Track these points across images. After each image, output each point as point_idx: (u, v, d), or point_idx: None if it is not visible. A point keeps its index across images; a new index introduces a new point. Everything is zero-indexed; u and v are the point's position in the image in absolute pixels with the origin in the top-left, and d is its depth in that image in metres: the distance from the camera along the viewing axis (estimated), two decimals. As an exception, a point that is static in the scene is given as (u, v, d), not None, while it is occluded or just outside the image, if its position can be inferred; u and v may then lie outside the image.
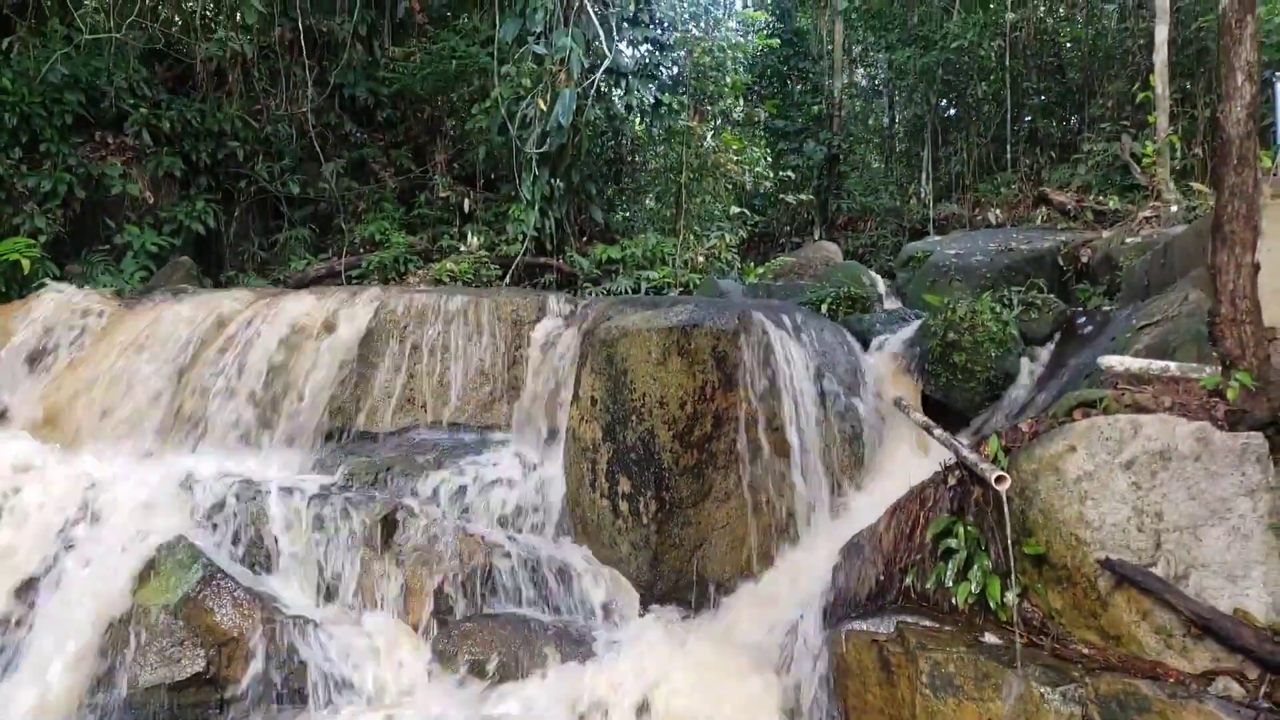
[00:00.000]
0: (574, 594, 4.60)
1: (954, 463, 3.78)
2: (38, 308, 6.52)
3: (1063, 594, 3.22)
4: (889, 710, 3.33)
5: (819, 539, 4.78)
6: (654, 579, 4.69)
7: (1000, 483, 3.27)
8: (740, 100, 11.38)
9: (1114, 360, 3.93)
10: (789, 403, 4.85)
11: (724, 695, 3.84)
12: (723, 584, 4.73)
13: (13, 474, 4.89)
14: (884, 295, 8.28)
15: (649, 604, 4.63)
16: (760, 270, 9.66)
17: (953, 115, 15.44)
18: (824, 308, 7.22)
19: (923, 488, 3.90)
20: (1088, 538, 3.15)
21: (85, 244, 8.55)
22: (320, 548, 4.56)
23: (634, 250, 9.39)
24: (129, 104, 8.91)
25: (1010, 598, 3.28)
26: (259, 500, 4.73)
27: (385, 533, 4.60)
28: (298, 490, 4.82)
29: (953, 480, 3.74)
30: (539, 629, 4.28)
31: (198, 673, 3.90)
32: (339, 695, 4.02)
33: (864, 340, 6.27)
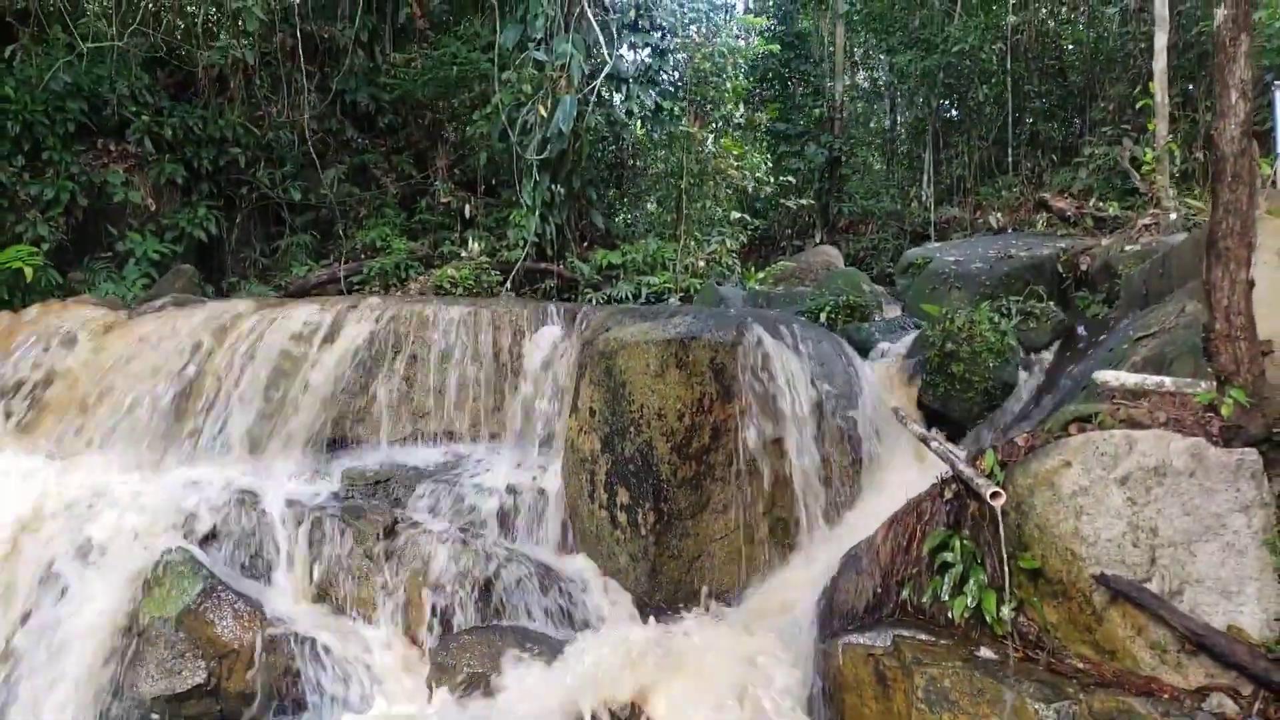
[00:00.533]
0: (573, 605, 4.61)
1: (950, 476, 3.78)
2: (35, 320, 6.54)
3: (1058, 609, 3.23)
4: (885, 724, 3.34)
5: (817, 550, 4.79)
6: (653, 589, 4.70)
7: (995, 498, 3.29)
8: (741, 105, 11.38)
9: (1109, 375, 3.93)
10: (787, 414, 4.86)
11: (721, 705, 3.85)
12: (721, 595, 4.74)
13: (15, 484, 4.93)
14: (883, 302, 8.28)
15: (648, 614, 4.62)
16: (761, 275, 9.65)
17: (954, 118, 15.39)
18: (823, 316, 7.22)
19: (919, 500, 3.91)
20: (1083, 553, 3.15)
21: (87, 251, 8.60)
22: (319, 559, 4.58)
23: (635, 255, 9.39)
24: (131, 111, 8.96)
25: (1006, 612, 3.29)
26: (259, 511, 4.76)
27: (384, 543, 4.62)
28: (298, 501, 4.85)
29: (949, 494, 3.75)
30: (538, 640, 4.30)
31: (199, 684, 3.94)
32: (338, 707, 4.04)
33: (863, 349, 6.28)
